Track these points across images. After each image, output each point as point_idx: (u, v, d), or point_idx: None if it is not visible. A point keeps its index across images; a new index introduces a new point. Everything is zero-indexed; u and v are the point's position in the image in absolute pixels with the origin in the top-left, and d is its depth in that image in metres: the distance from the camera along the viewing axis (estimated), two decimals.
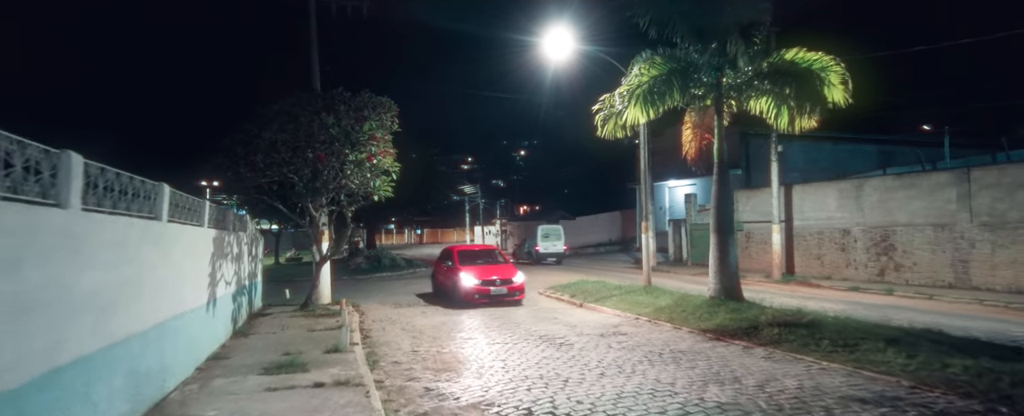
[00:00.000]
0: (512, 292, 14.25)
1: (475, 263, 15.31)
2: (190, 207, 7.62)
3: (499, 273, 14.58)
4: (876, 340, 7.81)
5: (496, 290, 14.07)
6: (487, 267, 15.04)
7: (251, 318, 12.32)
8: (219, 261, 9.29)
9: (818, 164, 28.45)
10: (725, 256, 11.96)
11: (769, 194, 20.85)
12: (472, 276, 14.20)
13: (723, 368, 7.41)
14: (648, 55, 12.10)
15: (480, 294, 13.91)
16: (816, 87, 10.87)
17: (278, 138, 11.53)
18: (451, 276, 14.91)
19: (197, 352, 7.77)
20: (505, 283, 14.22)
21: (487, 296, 13.95)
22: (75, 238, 4.07)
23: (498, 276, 14.38)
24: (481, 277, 14.19)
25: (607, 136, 12.83)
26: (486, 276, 14.29)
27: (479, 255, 16.35)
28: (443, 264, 16.29)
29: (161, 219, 6.10)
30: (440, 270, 16.52)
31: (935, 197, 16.25)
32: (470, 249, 17.60)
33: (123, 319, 4.94)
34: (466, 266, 14.86)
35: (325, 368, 7.70)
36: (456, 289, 14.27)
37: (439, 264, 16.90)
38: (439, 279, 16.53)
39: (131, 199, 5.24)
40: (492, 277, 14.30)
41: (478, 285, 13.99)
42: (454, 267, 14.97)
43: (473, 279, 14.10)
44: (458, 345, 9.67)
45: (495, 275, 14.41)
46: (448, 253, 16.57)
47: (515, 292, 14.30)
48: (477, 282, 14.03)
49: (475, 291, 13.90)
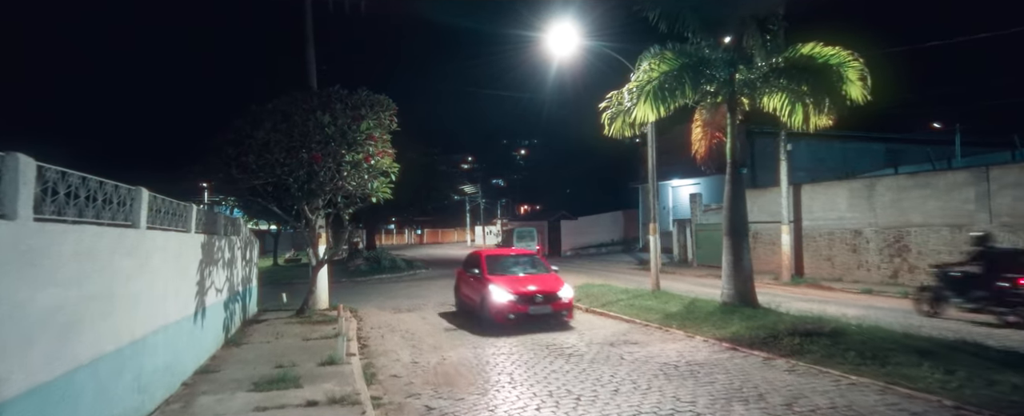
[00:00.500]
0: (558, 311, 11.29)
1: (509, 272, 12.33)
2: (174, 212, 7.14)
3: (540, 285, 11.49)
4: (907, 352, 7.31)
5: (537, 308, 11.05)
6: (525, 278, 12.01)
7: (245, 325, 11.84)
8: (208, 268, 8.80)
9: (825, 163, 27.95)
10: (739, 260, 11.47)
11: (776, 194, 20.37)
12: (505, 289, 11.15)
13: (745, 383, 6.92)
14: (657, 50, 11.60)
15: (516, 313, 10.97)
16: (835, 83, 10.38)
17: (271, 138, 11.03)
18: (478, 289, 11.79)
19: (182, 367, 7.29)
20: (548, 298, 11.17)
21: (524, 316, 11.02)
22: (28, 252, 3.58)
23: (539, 289, 11.29)
24: (517, 290, 11.16)
25: (615, 135, 12.34)
26: (523, 289, 11.24)
27: (514, 261, 13.08)
28: (468, 273, 12.94)
29: (138, 226, 5.61)
30: (465, 281, 13.16)
31: (952, 197, 15.75)
32: (502, 254, 13.96)
33: (90, 339, 4.46)
34: (498, 276, 11.87)
35: (319, 383, 7.21)
36: (485, 306, 11.28)
37: (464, 273, 13.41)
38: (463, 292, 13.22)
39: (101, 206, 4.75)
40: (531, 290, 11.23)
41: (513, 301, 10.99)
42: (482, 277, 11.86)
43: (506, 293, 11.07)
44: (460, 355, 9.18)
45: (535, 287, 11.34)
46: (475, 259, 13.05)
47: (562, 310, 11.36)
48: (512, 297, 11.01)
49: (509, 309, 10.95)
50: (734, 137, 11.62)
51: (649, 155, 15.47)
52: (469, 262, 13.48)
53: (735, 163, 11.62)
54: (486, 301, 11.23)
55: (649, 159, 15.46)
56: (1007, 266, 10.30)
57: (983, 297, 10.28)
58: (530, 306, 11.04)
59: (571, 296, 11.76)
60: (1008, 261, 10.52)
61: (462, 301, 13.34)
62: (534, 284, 11.53)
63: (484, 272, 12.01)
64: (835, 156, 28.83)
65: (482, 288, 11.61)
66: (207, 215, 9.23)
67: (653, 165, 15.61)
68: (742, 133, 25.28)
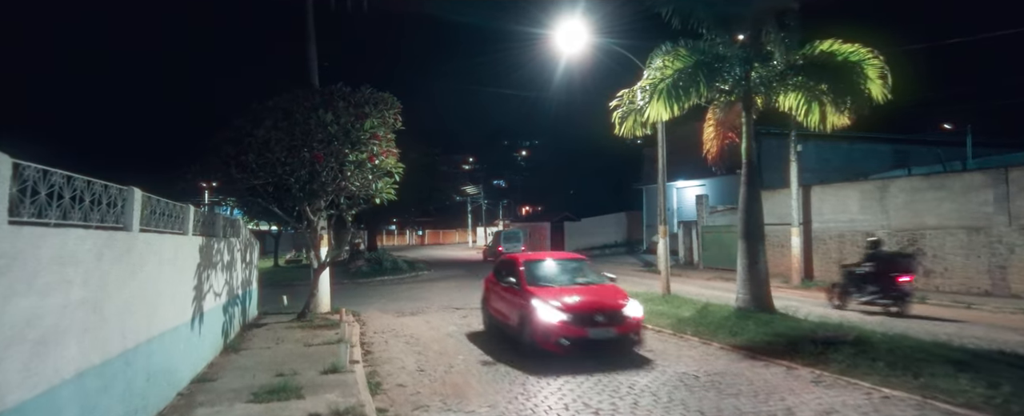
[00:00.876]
0: (625, 334, 8.45)
1: (556, 282, 9.68)
2: (170, 213, 6.78)
3: (598, 299, 8.90)
4: (941, 363, 6.95)
5: (599, 332, 8.29)
6: (577, 289, 9.33)
7: (244, 330, 11.49)
8: (207, 272, 8.45)
9: (831, 164, 27.57)
10: (754, 264, 11.11)
11: (785, 195, 20.02)
12: (554, 306, 8.44)
13: (771, 396, 6.56)
14: (670, 47, 11.25)
15: (570, 337, 8.20)
16: (855, 81, 10.03)
17: (272, 136, 10.67)
18: (517, 304, 9.30)
19: (179, 376, 6.93)
20: (612, 318, 8.42)
21: (583, 340, 8.24)
22: None
23: (599, 304, 8.67)
24: (571, 307, 8.45)
25: (625, 134, 12.00)
26: (578, 305, 8.54)
27: (560, 268, 10.40)
28: (502, 284, 10.32)
29: (131, 229, 5.26)
30: (496, 294, 10.47)
31: (968, 199, 15.38)
32: (544, 259, 10.85)
33: (75, 351, 4.11)
34: (542, 287, 9.21)
35: (322, 393, 6.86)
36: (527, 327, 8.69)
37: (495, 284, 10.71)
38: (495, 307, 10.54)
39: (89, 207, 4.40)
40: (589, 306, 8.59)
41: (566, 322, 8.26)
42: (521, 289, 9.35)
43: (556, 311, 8.36)
44: (466, 361, 8.82)
45: (594, 303, 8.72)
46: (509, 266, 10.50)
47: (629, 332, 8.50)
48: (564, 316, 8.30)
49: (560, 331, 8.23)
50: (750, 137, 11.27)
51: (659, 155, 15.11)
52: (502, 269, 10.83)
53: (751, 164, 11.27)
54: (529, 321, 8.64)
55: (659, 159, 15.11)
56: (891, 267, 11.94)
57: (874, 291, 12.01)
58: (589, 328, 8.29)
59: (640, 315, 8.81)
60: (892, 262, 12.15)
61: (493, 319, 10.66)
62: (590, 298, 8.95)
63: (523, 282, 9.44)
64: (841, 157, 28.46)
65: (522, 303, 9.04)
66: (205, 216, 8.88)
67: (663, 165, 15.26)
68: None
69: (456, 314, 14.05)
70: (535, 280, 9.60)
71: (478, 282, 22.93)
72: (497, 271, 11.18)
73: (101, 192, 4.60)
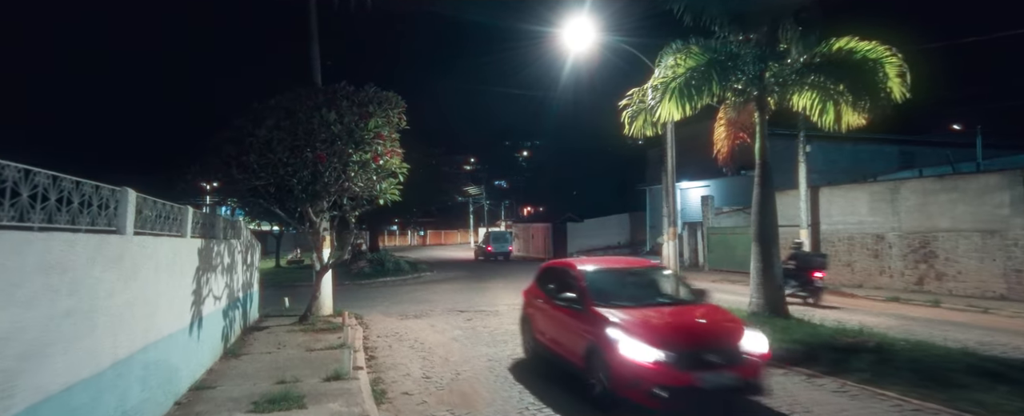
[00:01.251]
0: (748, 378, 5.94)
1: (634, 300, 7.05)
2: (167, 215, 6.51)
3: (707, 328, 6.50)
4: (973, 374, 6.66)
5: (712, 378, 5.75)
6: (669, 312, 6.93)
7: (245, 333, 11.21)
8: (206, 275, 8.17)
9: (838, 165, 27.24)
10: (769, 267, 10.82)
11: (792, 196, 19.73)
12: (644, 339, 5.94)
13: (793, 406, 6.27)
14: (681, 45, 10.96)
15: (670, 386, 5.67)
16: (874, 80, 9.73)
17: (274, 136, 10.40)
18: (580, 332, 6.79)
19: (176, 384, 6.65)
20: (729, 357, 5.95)
21: (690, 391, 5.68)
22: None
23: (709, 337, 6.29)
24: (669, 340, 5.94)
25: (635, 134, 11.71)
26: (680, 338, 6.06)
27: (633, 279, 8.05)
28: (552, 301, 7.84)
29: (124, 232, 4.98)
30: (544, 314, 8.08)
31: (983, 201, 15.08)
32: (610, 267, 8.36)
33: (62, 364, 3.83)
34: (616, 308, 6.64)
35: (324, 402, 6.59)
36: (599, 367, 6.26)
37: (541, 300, 8.26)
38: (542, 331, 8.05)
39: (78, 210, 4.13)
40: (694, 340, 6.15)
41: (664, 364, 5.75)
42: (586, 310, 6.84)
43: (647, 347, 5.86)
44: (474, 367, 8.54)
45: (701, 334, 6.37)
46: (562, 276, 8.01)
47: (753, 376, 5.98)
48: (659, 355, 5.78)
49: (656, 376, 5.72)
50: (763, 137, 10.97)
51: (669, 155, 14.82)
52: (550, 280, 8.34)
53: (765, 164, 10.97)
54: (604, 359, 6.13)
55: (669, 159, 14.81)
56: (808, 265, 14.12)
57: (795, 285, 13.78)
58: (699, 372, 5.70)
59: (766, 350, 6.25)
60: (809, 261, 14.29)
61: (540, 346, 8.07)
62: (693, 326, 6.52)
63: (588, 300, 6.84)
64: (847, 158, 28.14)
65: (589, 332, 6.51)
66: (205, 218, 8.60)
67: (672, 165, 14.96)
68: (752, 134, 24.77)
69: (461, 317, 13.76)
70: (604, 298, 6.87)
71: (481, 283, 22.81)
72: (542, 281, 8.62)
73: (91, 193, 4.32)
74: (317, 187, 10.93)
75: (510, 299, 16.75)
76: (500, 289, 19.99)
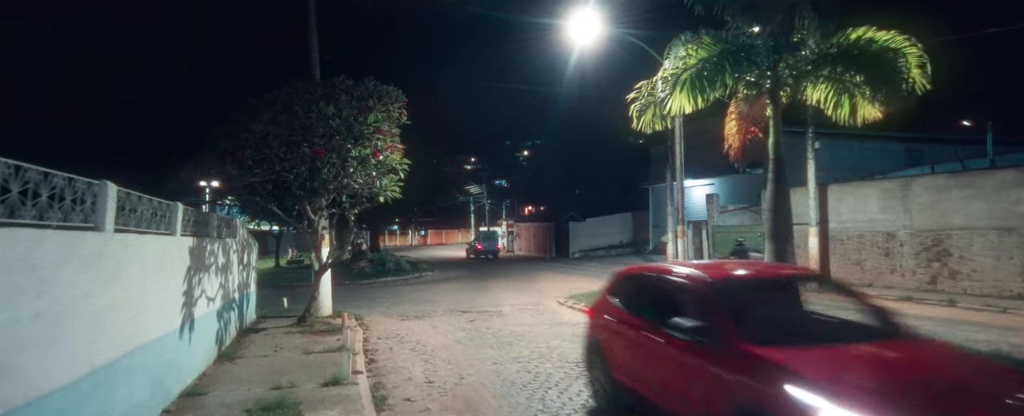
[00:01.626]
0: None
1: (813, 339, 4.50)
2: (154, 211, 6.15)
3: (962, 387, 3.65)
4: None
5: None
6: (883, 355, 4.11)
7: (241, 335, 10.86)
8: (198, 275, 7.82)
9: (844, 163, 26.86)
10: None
11: (801, 194, 19.30)
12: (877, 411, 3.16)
13: None
14: (691, 36, 10.59)
15: None
16: (894, 71, 9.36)
17: (270, 131, 10.04)
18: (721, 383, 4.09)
19: (164, 390, 6.29)
20: None
21: None
22: None
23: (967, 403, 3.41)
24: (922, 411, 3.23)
25: (644, 128, 11.36)
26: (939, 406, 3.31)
27: (786, 297, 5.44)
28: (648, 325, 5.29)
29: (103, 229, 4.62)
30: (636, 346, 5.50)
31: (1000, 198, 14.69)
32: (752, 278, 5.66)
33: (29, 374, 3.47)
34: (790, 347, 4.03)
35: (322, 409, 6.24)
36: None
37: (626, 324, 5.78)
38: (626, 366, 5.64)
39: (47, 204, 3.76)
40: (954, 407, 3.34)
41: None
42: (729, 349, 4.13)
43: None
44: (478, 371, 8.18)
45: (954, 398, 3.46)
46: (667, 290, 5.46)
47: None
48: None
49: None
50: (777, 131, 10.61)
51: (677, 151, 14.46)
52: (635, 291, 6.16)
53: (779, 159, 10.61)
54: None
55: (677, 155, 14.46)
56: None
57: None
58: None
59: None
60: (748, 258, 14.76)
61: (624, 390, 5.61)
62: (930, 380, 3.73)
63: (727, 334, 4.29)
64: (853, 155, 27.77)
65: (742, 385, 3.92)
66: (196, 215, 8.24)
67: (681, 162, 14.60)
68: None
69: (463, 318, 13.41)
70: (756, 329, 4.37)
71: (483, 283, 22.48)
72: (622, 295, 6.23)
73: (64, 186, 3.95)
74: (315, 184, 10.58)
75: (512, 299, 16.41)
76: (502, 289, 19.64)
